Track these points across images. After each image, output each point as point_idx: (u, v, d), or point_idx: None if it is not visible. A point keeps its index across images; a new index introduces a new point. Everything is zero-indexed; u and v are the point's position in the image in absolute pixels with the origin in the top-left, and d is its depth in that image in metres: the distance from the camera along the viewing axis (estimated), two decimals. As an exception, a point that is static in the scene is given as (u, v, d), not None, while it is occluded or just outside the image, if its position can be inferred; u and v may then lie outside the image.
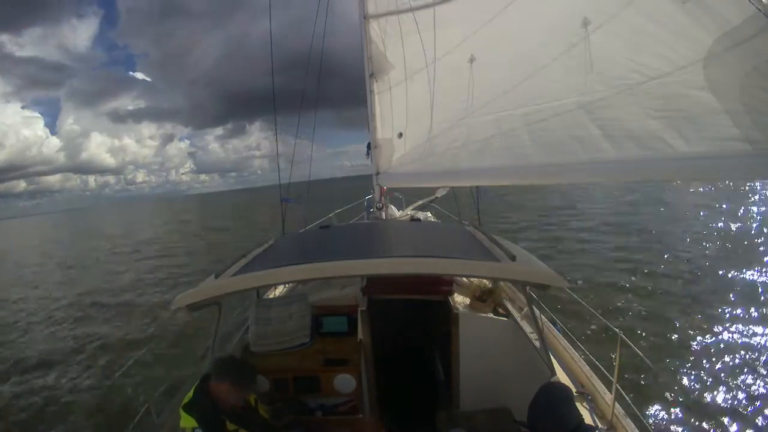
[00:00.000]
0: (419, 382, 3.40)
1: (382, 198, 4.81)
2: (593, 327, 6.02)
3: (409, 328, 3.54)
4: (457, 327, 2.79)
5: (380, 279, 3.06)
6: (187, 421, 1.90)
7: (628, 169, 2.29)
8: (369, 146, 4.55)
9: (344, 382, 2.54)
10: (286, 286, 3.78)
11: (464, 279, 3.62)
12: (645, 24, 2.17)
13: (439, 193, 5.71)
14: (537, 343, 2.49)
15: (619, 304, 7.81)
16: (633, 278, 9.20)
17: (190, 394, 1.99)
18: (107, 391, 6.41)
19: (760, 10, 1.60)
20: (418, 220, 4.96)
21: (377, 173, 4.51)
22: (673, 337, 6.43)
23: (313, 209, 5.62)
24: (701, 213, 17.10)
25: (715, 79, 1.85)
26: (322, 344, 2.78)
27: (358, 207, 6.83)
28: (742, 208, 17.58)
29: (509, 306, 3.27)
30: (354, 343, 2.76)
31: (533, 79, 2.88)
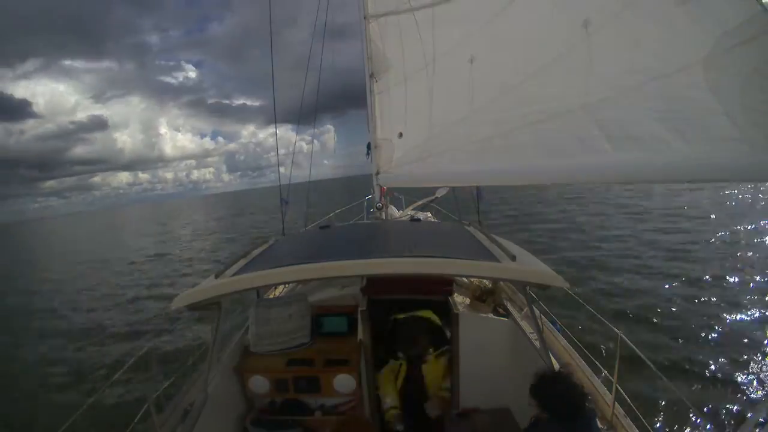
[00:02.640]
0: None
1: (382, 198, 4.81)
2: (593, 327, 6.01)
3: None
4: (457, 327, 2.79)
5: (380, 279, 3.06)
6: None
7: (629, 171, 2.29)
8: (369, 146, 4.56)
9: (344, 382, 2.54)
10: (286, 286, 3.78)
11: (464, 279, 3.62)
12: (645, 24, 2.16)
13: (439, 193, 5.72)
14: (537, 343, 2.49)
15: (618, 303, 7.82)
16: (634, 277, 9.21)
17: None
18: (106, 391, 6.41)
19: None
20: (418, 220, 4.96)
21: (377, 173, 4.51)
22: (673, 337, 6.44)
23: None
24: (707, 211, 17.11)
25: (716, 80, 1.84)
26: (322, 344, 2.78)
27: (358, 207, 6.83)
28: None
29: (509, 306, 3.27)
30: (354, 343, 2.75)
31: (533, 80, 2.87)
